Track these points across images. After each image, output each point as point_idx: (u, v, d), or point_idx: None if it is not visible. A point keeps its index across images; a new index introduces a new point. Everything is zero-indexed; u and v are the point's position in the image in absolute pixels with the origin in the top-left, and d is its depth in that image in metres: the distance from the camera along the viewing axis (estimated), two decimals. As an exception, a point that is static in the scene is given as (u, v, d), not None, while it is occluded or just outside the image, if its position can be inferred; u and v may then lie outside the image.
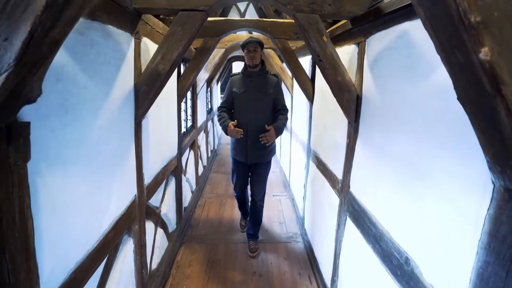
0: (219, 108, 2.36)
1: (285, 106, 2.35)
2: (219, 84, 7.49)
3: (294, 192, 3.51)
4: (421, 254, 0.95)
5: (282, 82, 3.92)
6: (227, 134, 2.22)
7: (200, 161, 4.08)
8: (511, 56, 0.47)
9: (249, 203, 2.68)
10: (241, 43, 2.36)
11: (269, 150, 2.36)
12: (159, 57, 1.40)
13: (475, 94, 0.54)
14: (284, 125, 2.27)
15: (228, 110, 2.34)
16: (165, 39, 1.39)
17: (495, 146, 0.58)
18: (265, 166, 2.42)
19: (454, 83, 0.59)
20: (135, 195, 1.59)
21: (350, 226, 1.59)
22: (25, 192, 0.70)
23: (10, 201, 0.65)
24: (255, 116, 2.22)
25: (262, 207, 2.56)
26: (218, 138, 6.60)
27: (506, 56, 0.47)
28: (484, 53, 0.47)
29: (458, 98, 0.60)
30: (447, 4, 0.47)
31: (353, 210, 1.54)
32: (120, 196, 1.38)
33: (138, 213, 1.64)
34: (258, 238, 2.65)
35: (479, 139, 0.62)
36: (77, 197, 0.99)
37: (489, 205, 0.67)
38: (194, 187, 3.58)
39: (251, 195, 2.55)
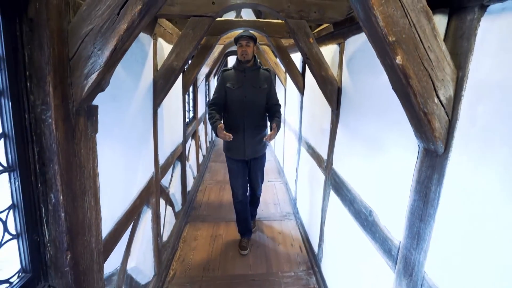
0: (210, 105, 2.20)
1: (278, 101, 2.34)
2: (216, 77, 7.73)
3: (287, 177, 3.84)
4: (378, 205, 1.27)
5: (276, 76, 4.21)
6: (217, 135, 2.05)
7: (200, 150, 4.36)
8: (414, 61, 0.78)
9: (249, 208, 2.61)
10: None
11: (263, 144, 2.38)
12: (174, 55, 1.68)
13: (398, 85, 0.85)
14: (280, 122, 2.27)
15: (219, 106, 2.21)
16: (179, 40, 1.66)
17: (414, 120, 0.89)
18: (261, 159, 2.46)
19: (388, 78, 0.90)
20: (153, 172, 1.88)
21: (333, 196, 1.92)
22: (95, 155, 0.99)
23: (88, 160, 0.94)
24: (251, 111, 2.21)
25: (260, 194, 2.81)
26: (215, 130, 6.86)
27: (411, 61, 0.78)
28: (398, 60, 0.77)
29: (392, 88, 0.91)
30: (376, 29, 0.77)
31: (335, 183, 1.87)
32: (144, 171, 1.67)
33: (155, 188, 1.93)
34: (255, 216, 2.98)
35: (407, 116, 0.93)
36: (119, 166, 1.28)
37: (416, 161, 0.99)
38: (195, 173, 3.88)
39: (250, 188, 2.62)
